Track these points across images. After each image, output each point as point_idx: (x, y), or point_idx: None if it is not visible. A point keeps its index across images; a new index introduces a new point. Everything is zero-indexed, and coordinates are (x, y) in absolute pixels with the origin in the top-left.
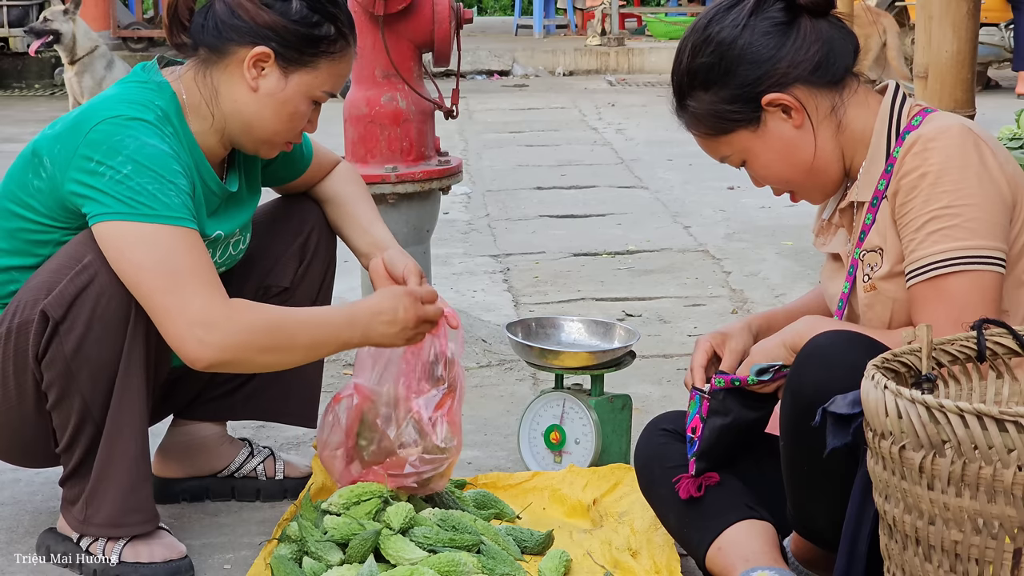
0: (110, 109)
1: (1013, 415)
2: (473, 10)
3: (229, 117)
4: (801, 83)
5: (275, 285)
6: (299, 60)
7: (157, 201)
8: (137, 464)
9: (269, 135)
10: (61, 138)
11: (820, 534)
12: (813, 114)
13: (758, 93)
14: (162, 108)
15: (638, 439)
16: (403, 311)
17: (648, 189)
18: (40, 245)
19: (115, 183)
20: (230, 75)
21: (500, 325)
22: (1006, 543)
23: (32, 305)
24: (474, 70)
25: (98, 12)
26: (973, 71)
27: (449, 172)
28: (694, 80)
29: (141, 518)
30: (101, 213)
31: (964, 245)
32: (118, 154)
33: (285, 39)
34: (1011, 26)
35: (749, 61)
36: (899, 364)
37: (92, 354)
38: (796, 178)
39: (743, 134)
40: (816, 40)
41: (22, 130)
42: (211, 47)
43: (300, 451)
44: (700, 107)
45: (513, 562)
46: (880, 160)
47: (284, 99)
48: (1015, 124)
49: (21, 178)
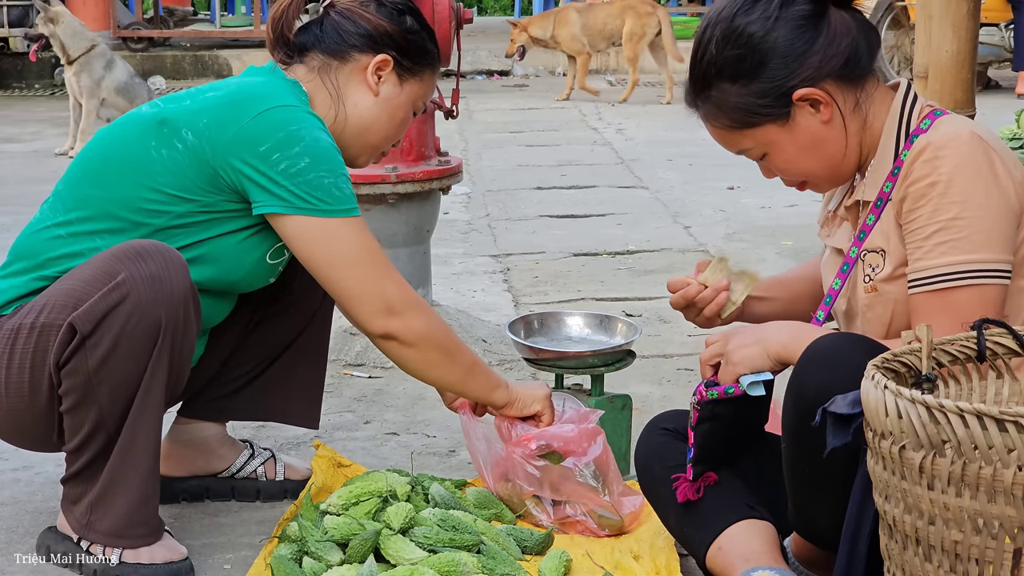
0: (277, 98)
1: (1013, 415)
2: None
3: (349, 119)
4: (832, 78)
5: (281, 290)
6: (411, 69)
7: (332, 196)
8: (148, 480)
9: (380, 140)
10: (208, 112)
11: (821, 535)
12: (843, 109)
13: (790, 88)
14: (307, 103)
15: (638, 438)
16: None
17: (648, 189)
18: (149, 214)
19: (292, 175)
20: (352, 80)
21: (500, 325)
22: (1006, 543)
23: (61, 310)
24: (474, 70)
25: (98, 12)
26: (973, 71)
27: (449, 172)
28: (721, 72)
29: (145, 531)
30: (278, 205)
31: (972, 259)
32: (295, 145)
33: (402, 47)
34: (1011, 26)
35: (782, 55)
36: (899, 364)
37: (115, 370)
38: (817, 171)
39: (770, 128)
40: (846, 34)
41: (22, 130)
42: (331, 53)
43: (300, 452)
44: (725, 99)
45: (513, 562)
46: (888, 160)
47: (398, 104)
48: (1015, 124)
49: (140, 145)
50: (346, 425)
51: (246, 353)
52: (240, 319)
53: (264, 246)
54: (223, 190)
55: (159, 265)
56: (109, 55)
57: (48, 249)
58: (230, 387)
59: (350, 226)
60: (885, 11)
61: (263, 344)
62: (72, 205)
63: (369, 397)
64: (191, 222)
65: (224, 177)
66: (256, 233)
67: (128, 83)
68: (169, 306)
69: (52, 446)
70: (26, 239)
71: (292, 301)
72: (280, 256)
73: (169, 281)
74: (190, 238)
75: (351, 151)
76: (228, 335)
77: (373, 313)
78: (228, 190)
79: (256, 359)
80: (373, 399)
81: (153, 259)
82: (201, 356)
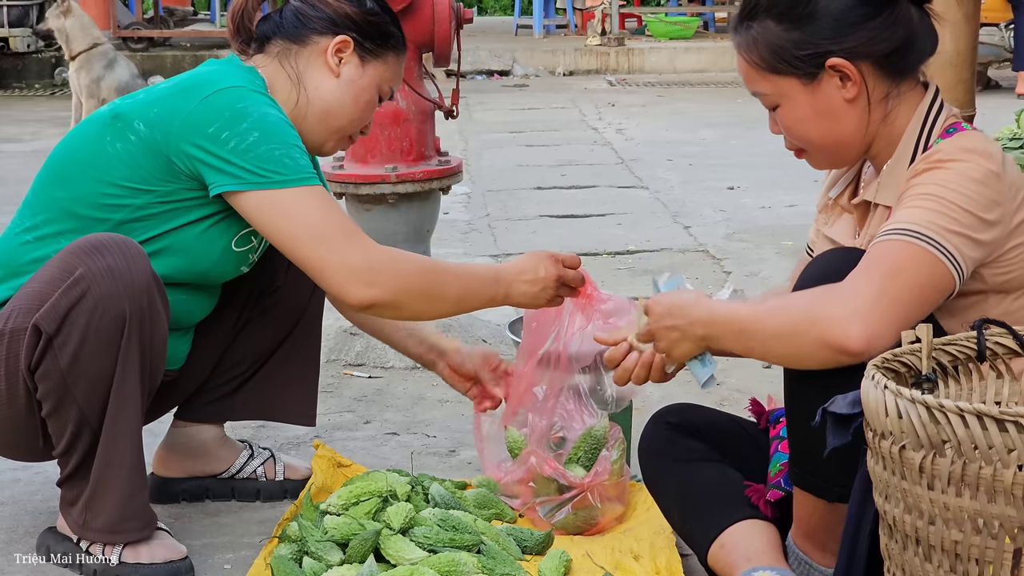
0: (223, 81)
1: (1013, 415)
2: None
3: (311, 102)
4: (871, 61)
5: (268, 286)
6: (374, 51)
7: (285, 167)
8: (133, 473)
9: (345, 123)
10: (159, 103)
11: (823, 478)
12: (870, 95)
13: (827, 51)
14: (262, 87)
15: (642, 432)
16: (544, 270)
17: (648, 189)
18: (109, 209)
19: (242, 152)
20: (312, 63)
21: (500, 325)
22: (1006, 543)
23: (27, 313)
24: (474, 70)
25: (98, 12)
26: (973, 71)
27: (449, 172)
28: (772, 8)
29: (138, 524)
30: (232, 183)
31: (943, 230)
32: (242, 122)
33: (363, 29)
34: (1011, 26)
35: (834, 17)
36: (899, 364)
37: (87, 367)
38: (820, 143)
39: (792, 81)
40: (905, 26)
41: (22, 130)
42: (291, 37)
43: (300, 452)
44: (764, 36)
45: (513, 562)
46: (903, 165)
47: (362, 86)
48: (1015, 124)
49: (96, 142)
50: (346, 425)
51: (237, 353)
52: (228, 318)
53: (228, 234)
54: (179, 177)
55: (117, 257)
56: (111, 55)
57: (19, 255)
58: (224, 388)
59: (308, 195)
60: None
61: (253, 343)
62: (38, 209)
63: (369, 397)
64: (151, 214)
65: (178, 164)
66: (219, 221)
67: (130, 83)
68: (132, 297)
69: (41, 453)
70: (1, 247)
71: (279, 299)
72: (247, 243)
73: (129, 272)
74: (152, 231)
75: (316, 136)
76: (217, 335)
77: (344, 283)
78: (184, 177)
79: (248, 359)
80: (373, 399)
81: (111, 251)
82: (191, 357)
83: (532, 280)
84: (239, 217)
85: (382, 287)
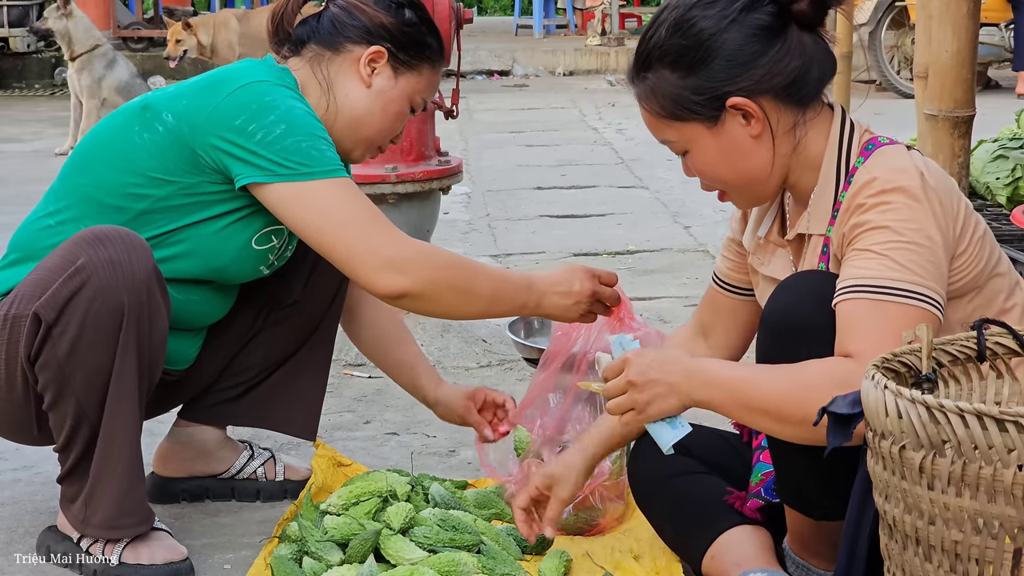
0: (251, 76)
1: (1013, 415)
2: (473, 10)
3: (340, 110)
4: (771, 95)
5: (285, 298)
6: (408, 63)
7: (312, 159)
8: (131, 468)
9: (373, 133)
10: (187, 96)
11: (807, 497)
12: (775, 128)
13: (725, 93)
14: (293, 85)
15: (631, 449)
16: (579, 284)
17: (648, 189)
18: (131, 198)
19: (268, 144)
20: (344, 71)
21: (500, 325)
22: (1006, 543)
23: (29, 300)
24: (474, 70)
25: (98, 12)
26: (973, 71)
27: (449, 172)
28: (664, 57)
29: (136, 520)
30: (258, 175)
31: (917, 283)
32: (269, 114)
33: (398, 41)
34: (1011, 26)
35: (726, 58)
36: (899, 364)
37: (86, 358)
38: (735, 182)
39: (696, 126)
40: (799, 55)
41: (22, 130)
42: (326, 44)
43: (300, 452)
44: (661, 86)
45: (513, 562)
46: (830, 191)
47: (393, 98)
48: (1015, 124)
49: (124, 131)
50: (346, 425)
51: (247, 360)
52: (241, 325)
53: (248, 231)
54: (204, 171)
55: (119, 249)
56: (112, 55)
57: (38, 240)
58: (231, 392)
59: (335, 186)
60: (885, 11)
61: (266, 351)
62: (62, 195)
63: (369, 397)
64: (173, 206)
65: (204, 157)
66: (241, 219)
67: (130, 83)
68: (130, 289)
69: (34, 439)
70: (22, 231)
71: (295, 311)
72: (268, 242)
73: (129, 264)
74: (172, 223)
75: (344, 144)
76: (228, 340)
77: (374, 272)
78: (209, 170)
79: (257, 367)
80: (373, 399)
81: (113, 243)
82: (200, 359)
83: (566, 293)
84: (261, 215)
85: (413, 277)
